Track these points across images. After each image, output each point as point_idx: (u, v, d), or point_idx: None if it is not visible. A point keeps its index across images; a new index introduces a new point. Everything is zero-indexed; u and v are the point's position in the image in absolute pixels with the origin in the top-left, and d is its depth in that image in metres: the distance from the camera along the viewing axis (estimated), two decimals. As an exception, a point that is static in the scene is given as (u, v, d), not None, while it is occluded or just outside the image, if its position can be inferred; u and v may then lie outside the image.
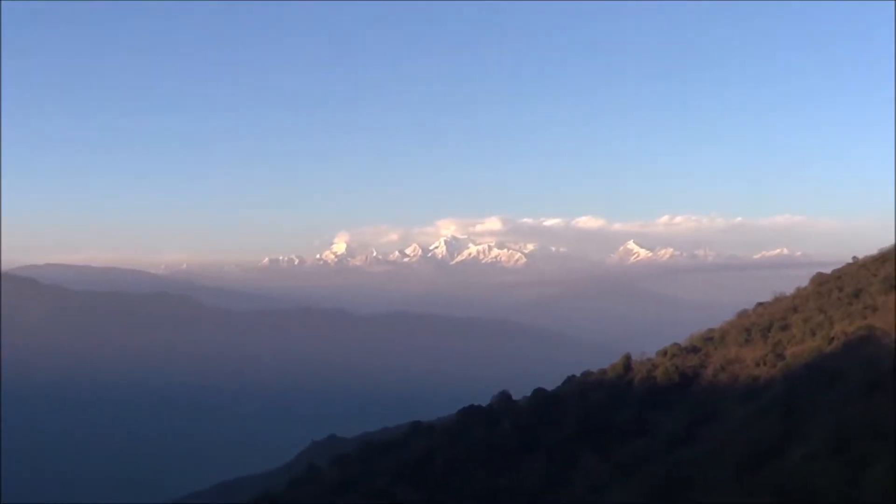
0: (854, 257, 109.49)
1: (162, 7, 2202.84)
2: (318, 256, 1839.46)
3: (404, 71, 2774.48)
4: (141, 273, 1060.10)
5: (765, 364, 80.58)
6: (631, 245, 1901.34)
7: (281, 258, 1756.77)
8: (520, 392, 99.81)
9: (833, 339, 76.40)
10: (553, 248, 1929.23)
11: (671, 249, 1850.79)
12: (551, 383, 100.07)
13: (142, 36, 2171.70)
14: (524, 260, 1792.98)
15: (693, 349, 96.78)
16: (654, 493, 52.91)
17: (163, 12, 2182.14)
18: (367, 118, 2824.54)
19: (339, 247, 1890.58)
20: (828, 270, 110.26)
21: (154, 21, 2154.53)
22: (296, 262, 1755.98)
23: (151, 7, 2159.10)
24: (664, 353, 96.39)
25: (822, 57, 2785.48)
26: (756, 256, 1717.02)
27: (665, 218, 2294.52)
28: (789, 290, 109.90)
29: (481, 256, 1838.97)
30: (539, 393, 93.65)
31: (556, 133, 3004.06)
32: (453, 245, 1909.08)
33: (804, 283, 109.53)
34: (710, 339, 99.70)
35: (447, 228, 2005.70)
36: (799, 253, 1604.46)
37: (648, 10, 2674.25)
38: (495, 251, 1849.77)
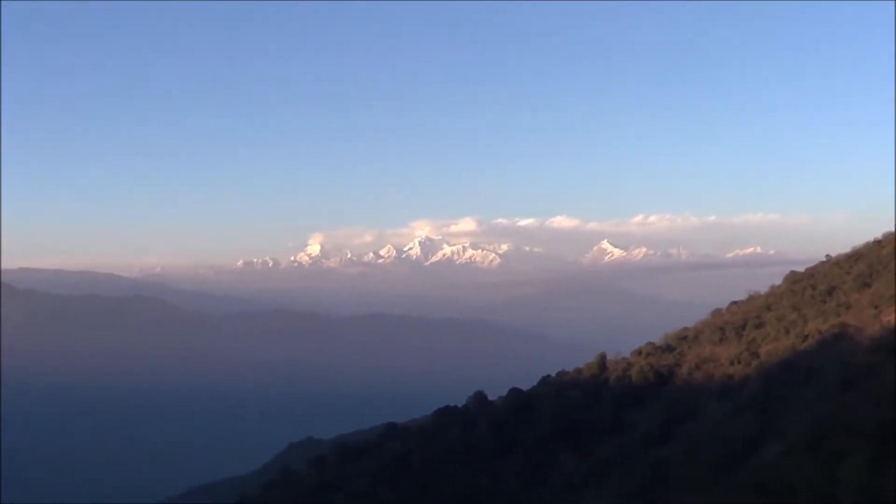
0: (827, 255, 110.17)
1: (135, 7, 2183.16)
2: (292, 258, 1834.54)
3: (379, 72, 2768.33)
4: (115, 276, 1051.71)
5: (739, 362, 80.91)
6: (605, 245, 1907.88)
7: (255, 260, 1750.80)
8: (495, 392, 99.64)
9: (807, 336, 76.82)
10: (527, 249, 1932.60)
11: (645, 249, 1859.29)
12: (527, 383, 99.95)
13: (111, 38, 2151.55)
14: (499, 260, 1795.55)
15: (668, 348, 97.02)
16: (632, 491, 52.95)
17: (136, 12, 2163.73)
18: (341, 120, 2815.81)
19: (314, 248, 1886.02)
20: (801, 268, 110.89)
21: (127, 23, 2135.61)
22: (270, 265, 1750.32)
23: (116, 7, 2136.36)
24: (639, 352, 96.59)
25: (808, 56, 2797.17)
26: (730, 255, 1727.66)
27: (639, 217, 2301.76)
28: (763, 288, 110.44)
29: (456, 257, 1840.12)
30: (515, 393, 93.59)
31: (529, 134, 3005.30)
32: (428, 246, 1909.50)
33: (778, 281, 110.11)
34: (685, 337, 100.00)
35: (421, 229, 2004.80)
36: (772, 251, 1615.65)
37: (628, 7, 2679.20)
38: (470, 252, 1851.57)
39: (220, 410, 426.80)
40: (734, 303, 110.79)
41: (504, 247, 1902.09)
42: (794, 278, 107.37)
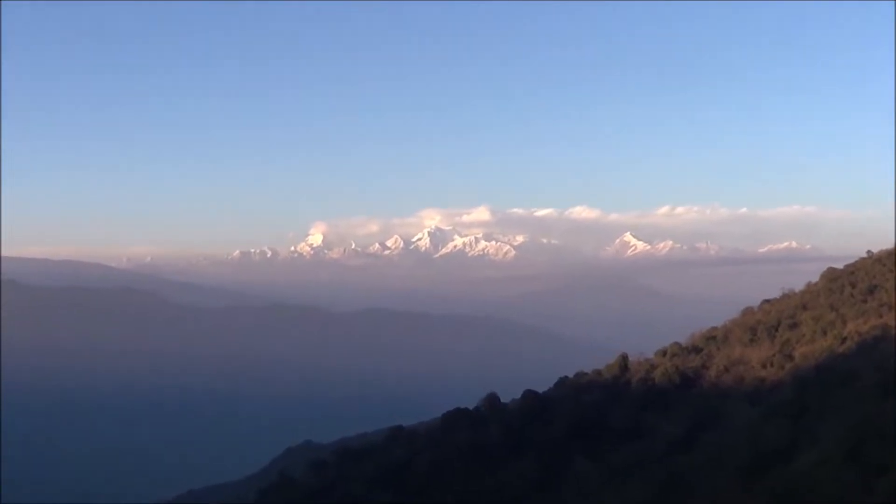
0: (868, 251, 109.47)
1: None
2: (292, 249, 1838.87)
3: (387, 53, 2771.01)
4: (102, 267, 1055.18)
5: (772, 365, 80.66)
6: (628, 237, 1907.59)
7: (253, 251, 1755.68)
8: (508, 394, 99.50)
9: (846, 338, 76.55)
10: (544, 241, 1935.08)
11: (671, 242, 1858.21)
12: (542, 385, 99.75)
13: (98, 23, 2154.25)
14: (513, 253, 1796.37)
15: (694, 349, 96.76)
16: (651, 498, 52.80)
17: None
18: (346, 104, 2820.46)
19: (315, 239, 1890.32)
20: (840, 265, 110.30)
21: (117, 7, 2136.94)
22: (268, 255, 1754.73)
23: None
24: (663, 352, 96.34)
25: (855, 42, 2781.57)
26: (762, 250, 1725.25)
27: (665, 209, 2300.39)
28: (798, 285, 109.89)
29: (467, 249, 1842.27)
30: (529, 395, 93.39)
31: (548, 119, 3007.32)
32: (437, 237, 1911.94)
33: (814, 278, 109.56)
34: (713, 338, 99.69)
35: (431, 219, 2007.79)
36: (808, 246, 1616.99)
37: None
38: (482, 243, 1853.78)
39: (213, 411, 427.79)
40: (767, 301, 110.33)
41: (519, 238, 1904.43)
42: (832, 275, 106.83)
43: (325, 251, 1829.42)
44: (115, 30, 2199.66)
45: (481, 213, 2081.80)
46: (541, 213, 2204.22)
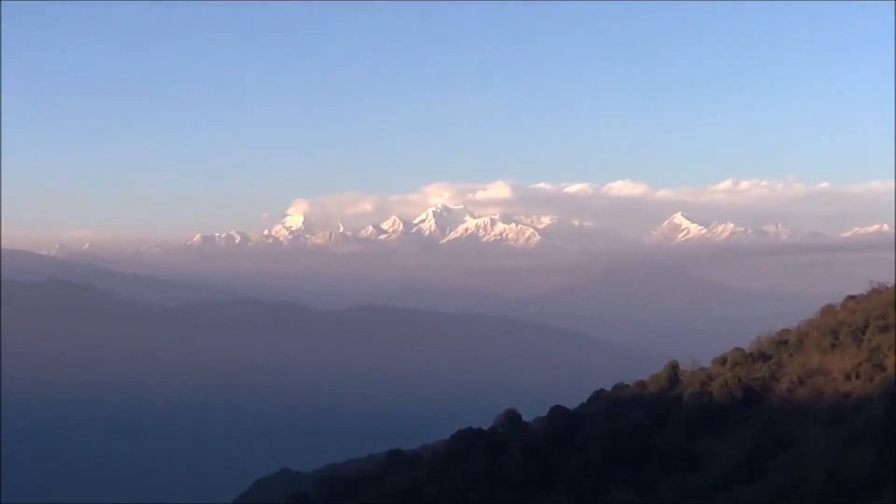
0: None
1: None
2: (266, 233, 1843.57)
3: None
4: (28, 255, 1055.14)
5: (858, 377, 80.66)
6: (679, 219, 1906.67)
7: (217, 235, 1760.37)
8: (531, 411, 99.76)
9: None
10: (576, 223, 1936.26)
11: (732, 225, 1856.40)
12: (573, 400, 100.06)
13: None
14: (538, 238, 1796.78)
15: (761, 356, 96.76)
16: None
17: None
18: (330, 55, 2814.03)
19: (295, 220, 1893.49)
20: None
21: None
22: (237, 241, 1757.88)
23: None
24: (722, 360, 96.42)
25: None
26: (846, 234, 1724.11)
27: (726, 183, 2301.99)
28: (890, 278, 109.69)
29: (482, 233, 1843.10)
30: (557, 412, 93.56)
31: (582, 74, 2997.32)
32: (445, 218, 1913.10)
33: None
34: (785, 342, 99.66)
35: (438, 196, 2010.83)
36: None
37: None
38: (500, 226, 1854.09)
39: (168, 431, 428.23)
40: (851, 297, 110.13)
41: (546, 220, 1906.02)
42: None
43: (307, 235, 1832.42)
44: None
45: (499, 189, 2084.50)
46: (572, 188, 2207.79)
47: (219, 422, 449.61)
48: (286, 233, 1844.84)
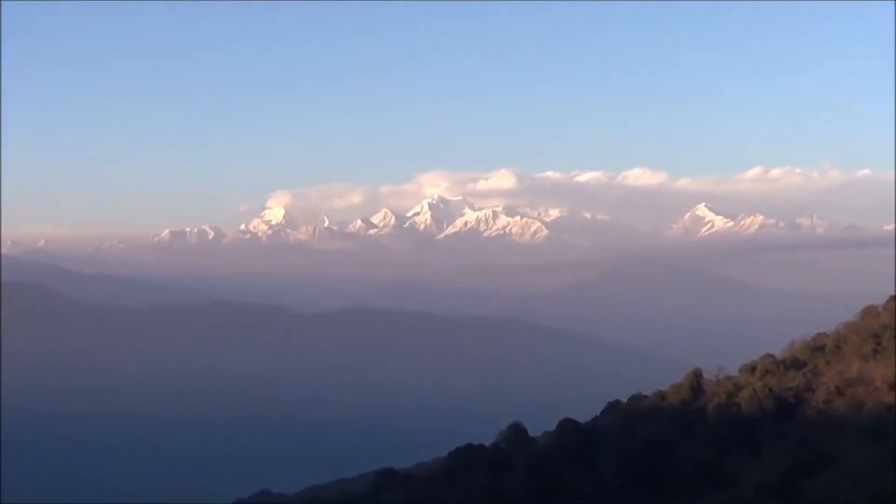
0: None
1: None
2: (243, 228, 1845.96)
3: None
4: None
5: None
6: (702, 210, 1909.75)
7: (189, 231, 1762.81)
8: (538, 425, 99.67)
9: None
10: (588, 215, 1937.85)
11: (762, 217, 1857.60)
12: (584, 412, 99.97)
13: None
14: (545, 232, 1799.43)
15: (795, 363, 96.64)
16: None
17: None
18: (315, 31, 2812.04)
19: (275, 214, 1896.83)
20: None
21: None
22: (210, 237, 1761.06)
23: None
24: (751, 368, 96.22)
25: None
26: (888, 227, 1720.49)
27: (755, 171, 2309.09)
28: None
29: (483, 227, 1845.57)
30: (567, 426, 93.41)
31: (593, 52, 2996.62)
32: (442, 210, 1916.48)
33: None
34: (821, 348, 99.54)
35: (434, 186, 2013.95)
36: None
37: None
38: (504, 219, 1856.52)
39: (130, 448, 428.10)
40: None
41: (554, 212, 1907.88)
42: None
43: (289, 230, 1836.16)
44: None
45: (503, 178, 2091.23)
46: (584, 177, 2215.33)
47: (190, 438, 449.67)
48: (265, 227, 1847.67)
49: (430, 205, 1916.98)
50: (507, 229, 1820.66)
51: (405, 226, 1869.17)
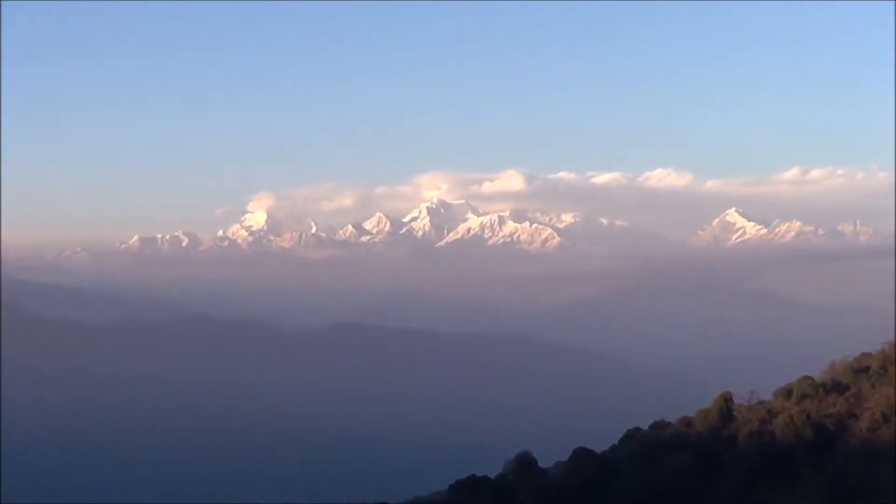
0: None
1: None
2: (220, 234, 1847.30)
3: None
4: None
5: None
6: (733, 216, 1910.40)
7: (160, 237, 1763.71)
8: (549, 455, 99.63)
9: None
10: (605, 221, 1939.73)
11: (799, 223, 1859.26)
12: (601, 441, 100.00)
13: None
14: (558, 239, 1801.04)
15: (836, 387, 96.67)
16: None
17: None
18: (305, 21, 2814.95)
19: (256, 218, 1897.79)
20: None
21: None
22: (184, 244, 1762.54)
23: None
24: (787, 392, 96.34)
25: None
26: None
27: (792, 172, 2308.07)
28: None
29: (488, 234, 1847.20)
30: (581, 456, 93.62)
31: (611, 42, 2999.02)
32: (443, 215, 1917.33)
33: None
34: (865, 370, 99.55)
35: (434, 188, 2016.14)
36: None
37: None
38: (511, 225, 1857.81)
39: (94, 480, 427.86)
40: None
41: (568, 218, 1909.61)
42: None
43: (272, 237, 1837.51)
44: None
45: (511, 180, 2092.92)
46: (601, 178, 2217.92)
47: (160, 466, 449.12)
48: (245, 234, 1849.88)
49: (429, 209, 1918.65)
50: (514, 236, 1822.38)
51: (401, 232, 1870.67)
